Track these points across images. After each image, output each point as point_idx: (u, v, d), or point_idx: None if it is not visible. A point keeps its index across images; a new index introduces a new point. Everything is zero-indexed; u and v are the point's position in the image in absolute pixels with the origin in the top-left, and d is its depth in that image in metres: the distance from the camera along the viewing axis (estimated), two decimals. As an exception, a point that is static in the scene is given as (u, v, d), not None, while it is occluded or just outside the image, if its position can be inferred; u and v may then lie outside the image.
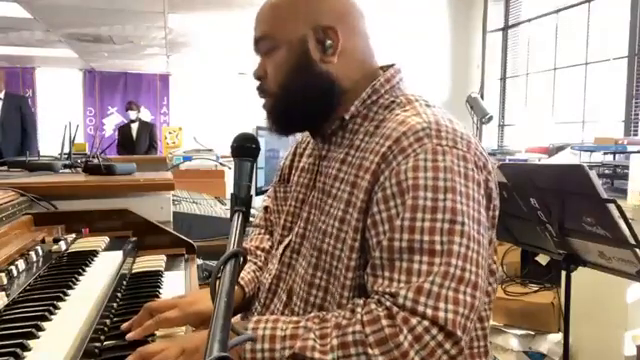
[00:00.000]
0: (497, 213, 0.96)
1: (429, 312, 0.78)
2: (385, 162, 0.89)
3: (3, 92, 5.75)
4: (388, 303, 0.81)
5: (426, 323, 0.78)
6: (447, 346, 0.78)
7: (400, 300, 0.80)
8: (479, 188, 0.88)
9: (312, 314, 0.89)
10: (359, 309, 0.83)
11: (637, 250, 1.59)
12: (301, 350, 0.81)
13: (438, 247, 0.82)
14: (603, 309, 2.56)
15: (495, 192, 0.94)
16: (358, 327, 0.80)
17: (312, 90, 0.98)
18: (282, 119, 1.03)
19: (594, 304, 2.57)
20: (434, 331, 0.78)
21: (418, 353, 0.77)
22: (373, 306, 0.82)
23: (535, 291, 3.07)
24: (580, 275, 1.91)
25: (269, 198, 1.26)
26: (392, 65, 1.04)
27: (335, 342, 0.80)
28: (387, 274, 0.84)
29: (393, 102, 0.98)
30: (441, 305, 0.79)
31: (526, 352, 2.91)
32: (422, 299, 0.79)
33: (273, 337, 0.84)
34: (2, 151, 5.27)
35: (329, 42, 0.97)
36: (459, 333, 0.79)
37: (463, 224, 0.83)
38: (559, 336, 2.80)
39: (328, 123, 1.01)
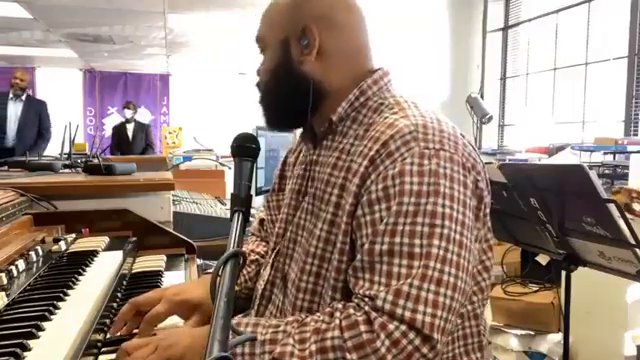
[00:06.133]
0: (488, 210, 0.96)
1: (407, 315, 0.79)
2: (373, 165, 0.89)
3: (25, 95, 5.80)
4: (367, 307, 0.82)
5: (403, 328, 0.79)
6: (424, 350, 0.79)
7: (379, 303, 0.81)
8: (465, 190, 0.88)
9: (291, 317, 0.90)
10: (338, 313, 0.84)
11: (637, 250, 1.59)
12: (280, 355, 0.82)
13: (417, 250, 0.83)
14: (603, 309, 2.56)
15: (486, 191, 0.95)
16: (337, 332, 0.81)
17: (289, 89, 1.01)
18: (267, 114, 1.07)
19: (594, 304, 2.57)
20: (411, 335, 0.79)
21: (395, 357, 0.78)
22: (352, 311, 0.83)
23: (535, 291, 3.07)
24: (580, 275, 1.91)
25: (263, 209, 1.26)
26: (379, 68, 1.04)
27: (314, 347, 0.81)
28: (367, 276, 0.85)
29: (382, 104, 0.99)
30: (420, 308, 0.80)
31: (526, 352, 2.92)
32: (401, 302, 0.80)
33: (253, 341, 0.84)
34: (16, 152, 5.31)
35: (306, 41, 0.99)
36: (436, 336, 0.79)
37: (443, 227, 0.84)
38: (559, 336, 2.80)
39: (317, 125, 1.03)
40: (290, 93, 1.01)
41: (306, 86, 0.99)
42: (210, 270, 1.20)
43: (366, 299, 0.83)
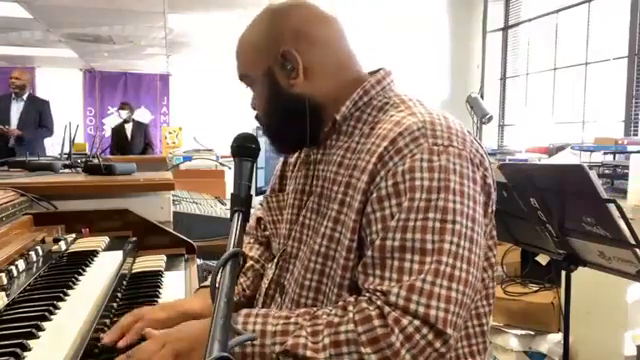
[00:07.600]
0: (494, 208, 0.97)
1: (421, 310, 0.80)
2: (381, 162, 0.89)
3: (27, 94, 5.79)
4: (379, 302, 0.82)
5: (417, 322, 0.80)
6: (437, 344, 0.80)
7: (392, 298, 0.81)
8: (475, 185, 0.89)
9: (302, 310, 0.90)
10: (350, 307, 0.84)
11: (637, 250, 1.59)
12: (293, 348, 0.82)
13: (429, 246, 0.83)
14: (603, 309, 2.56)
15: (493, 187, 0.95)
16: (351, 326, 0.81)
17: (288, 115, 1.02)
18: (275, 143, 1.08)
19: (594, 304, 2.57)
20: (424, 330, 0.80)
21: (409, 351, 0.79)
22: (364, 305, 0.83)
23: (535, 291, 3.07)
24: (580, 275, 1.91)
25: (261, 208, 1.26)
26: (381, 69, 1.04)
27: (327, 340, 0.81)
28: (378, 272, 0.85)
29: (386, 103, 0.99)
30: (433, 303, 0.80)
31: (526, 352, 2.92)
32: (414, 297, 0.81)
33: (264, 332, 0.85)
34: (16, 152, 5.29)
35: (289, 65, 0.98)
36: (449, 331, 0.80)
37: (454, 222, 0.84)
38: (559, 336, 2.80)
39: (320, 131, 1.02)
40: (290, 118, 1.02)
41: (303, 107, 0.99)
42: (206, 283, 1.20)
43: (378, 294, 0.83)
